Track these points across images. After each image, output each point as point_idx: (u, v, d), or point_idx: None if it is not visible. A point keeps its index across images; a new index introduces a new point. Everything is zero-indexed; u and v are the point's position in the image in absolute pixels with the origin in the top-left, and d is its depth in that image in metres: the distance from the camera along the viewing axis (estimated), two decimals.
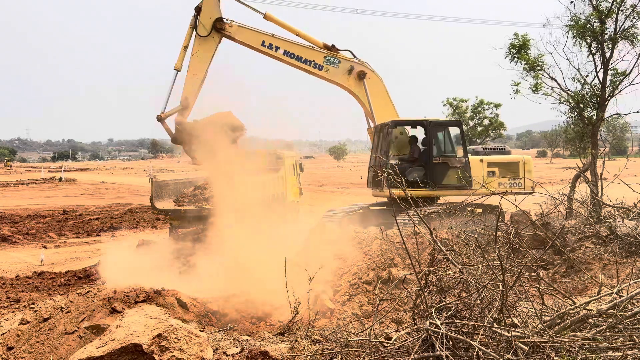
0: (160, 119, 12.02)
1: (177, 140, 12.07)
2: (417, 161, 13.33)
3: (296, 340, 4.36)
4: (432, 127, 13.46)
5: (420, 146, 13.62)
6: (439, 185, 12.75)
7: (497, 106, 42.73)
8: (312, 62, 12.76)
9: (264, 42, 12.44)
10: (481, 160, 13.44)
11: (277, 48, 12.51)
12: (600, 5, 12.60)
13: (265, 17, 12.61)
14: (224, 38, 12.32)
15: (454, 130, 14.01)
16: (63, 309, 5.28)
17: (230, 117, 12.52)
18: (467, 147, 14.09)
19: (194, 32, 12.09)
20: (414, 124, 13.80)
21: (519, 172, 13.30)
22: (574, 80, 13.24)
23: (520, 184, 13.03)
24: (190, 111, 12.32)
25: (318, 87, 13.88)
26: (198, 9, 12.09)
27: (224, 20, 12.18)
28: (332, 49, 13.01)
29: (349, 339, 4.21)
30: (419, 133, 14.11)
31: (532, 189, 12.65)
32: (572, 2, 12.86)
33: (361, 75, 13.11)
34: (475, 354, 3.39)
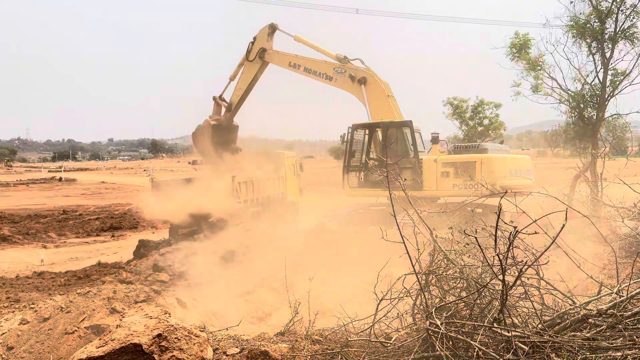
0: (215, 99, 15.93)
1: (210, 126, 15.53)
2: (374, 162, 13.52)
3: (296, 340, 4.36)
4: (386, 128, 13.55)
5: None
6: (393, 186, 12.61)
7: (497, 106, 42.72)
8: (324, 74, 14.64)
9: (290, 62, 15.13)
10: (435, 161, 12.95)
11: (299, 66, 14.97)
12: (600, 5, 12.59)
13: (295, 39, 15.25)
14: (269, 63, 15.58)
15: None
16: (63, 309, 5.27)
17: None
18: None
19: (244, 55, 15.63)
20: (371, 126, 14.17)
21: (476, 173, 12.29)
22: (574, 80, 13.25)
23: (476, 185, 11.44)
24: (233, 114, 15.88)
25: (318, 88, 14.63)
26: (254, 38, 15.51)
27: (266, 50, 15.33)
28: (343, 60, 14.60)
29: (349, 339, 4.21)
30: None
31: (495, 190, 11.40)
32: (571, 2, 12.86)
33: (361, 81, 14.08)
34: (475, 353, 3.39)
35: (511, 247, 3.73)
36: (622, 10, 12.39)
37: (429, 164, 12.97)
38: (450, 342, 3.44)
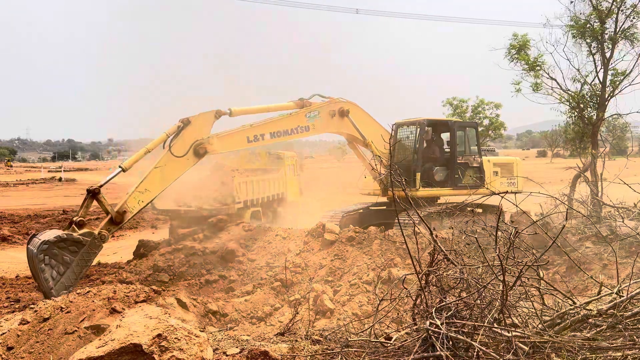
0: (97, 195, 9.65)
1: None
2: (439, 161, 13.58)
3: (296, 340, 4.36)
4: (455, 127, 13.82)
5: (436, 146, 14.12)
6: (459, 184, 13.21)
7: (497, 106, 42.70)
8: (298, 128, 12.00)
9: (248, 138, 11.37)
10: (489, 161, 14.25)
11: (262, 136, 11.50)
12: (600, 5, 12.60)
13: (232, 114, 11.37)
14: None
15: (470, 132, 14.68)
16: (63, 309, 5.27)
17: None
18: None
19: (168, 144, 10.48)
20: (441, 123, 14.52)
21: (514, 172, 14.45)
22: (574, 80, 13.26)
23: (515, 184, 14.20)
24: (117, 228, 10.10)
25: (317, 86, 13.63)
26: (187, 122, 10.52)
27: (203, 142, 10.59)
28: (305, 103, 12.26)
29: (349, 339, 4.21)
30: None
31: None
32: (572, 2, 12.86)
33: (343, 113, 12.55)
34: (475, 354, 3.39)
35: (511, 248, 3.73)
36: (622, 10, 12.39)
37: (485, 164, 14.13)
38: (451, 342, 3.44)
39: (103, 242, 9.43)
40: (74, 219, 9.40)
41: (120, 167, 10.17)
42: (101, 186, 9.68)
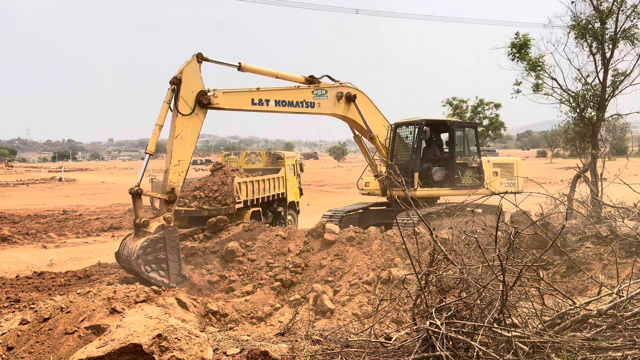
0: (136, 193, 10.33)
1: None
2: (438, 161, 13.59)
3: (296, 341, 4.36)
4: (454, 127, 13.79)
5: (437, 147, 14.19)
6: (458, 184, 13.20)
7: (497, 106, 42.65)
8: (304, 102, 11.86)
9: (253, 100, 11.26)
10: (488, 161, 14.27)
11: (267, 101, 11.41)
12: (601, 5, 12.60)
13: (241, 68, 11.24)
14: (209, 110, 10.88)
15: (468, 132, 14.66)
16: (63, 309, 5.27)
17: None
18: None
19: (173, 108, 10.53)
20: (440, 123, 14.45)
21: (514, 173, 14.51)
22: (575, 80, 13.26)
23: (515, 184, 14.27)
24: (176, 205, 10.89)
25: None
26: (177, 82, 10.40)
27: (206, 93, 10.59)
28: (313, 80, 12.22)
29: (349, 339, 4.20)
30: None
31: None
32: (572, 2, 12.86)
33: (350, 98, 12.51)
34: (475, 354, 3.39)
35: (511, 248, 3.73)
36: (622, 11, 12.40)
37: (485, 164, 14.15)
38: (450, 343, 3.44)
39: (172, 223, 10.47)
40: (136, 221, 10.47)
41: (146, 152, 10.84)
42: (138, 184, 10.41)
